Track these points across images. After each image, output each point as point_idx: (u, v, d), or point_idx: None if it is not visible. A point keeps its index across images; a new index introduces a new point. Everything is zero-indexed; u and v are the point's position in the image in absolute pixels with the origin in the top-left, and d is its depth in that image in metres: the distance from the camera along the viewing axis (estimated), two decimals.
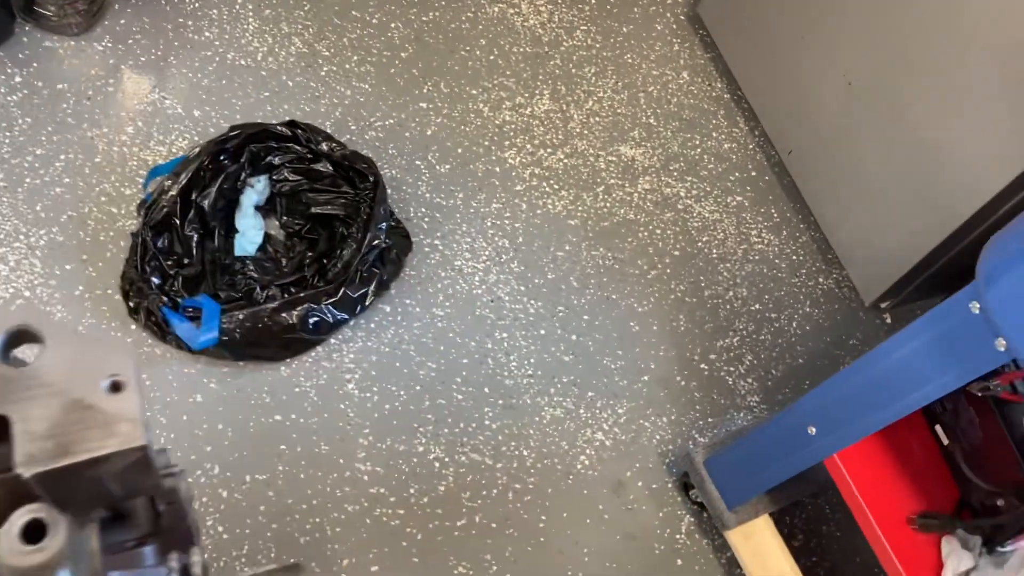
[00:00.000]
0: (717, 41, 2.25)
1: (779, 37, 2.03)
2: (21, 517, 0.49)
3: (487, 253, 1.90)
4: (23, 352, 0.54)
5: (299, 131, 1.79)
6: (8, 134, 1.79)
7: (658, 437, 1.79)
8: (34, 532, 0.49)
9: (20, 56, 1.87)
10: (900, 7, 1.71)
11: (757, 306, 1.98)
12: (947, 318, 1.13)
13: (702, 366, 1.88)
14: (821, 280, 2.05)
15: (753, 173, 2.15)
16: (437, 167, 1.97)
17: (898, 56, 1.74)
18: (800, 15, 1.95)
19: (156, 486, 0.57)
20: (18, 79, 1.85)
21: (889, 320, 2.05)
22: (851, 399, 1.27)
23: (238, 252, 1.76)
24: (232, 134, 1.75)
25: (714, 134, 2.18)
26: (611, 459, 1.74)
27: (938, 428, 1.41)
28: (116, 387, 0.52)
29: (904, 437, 1.43)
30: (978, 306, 1.07)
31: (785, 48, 2.02)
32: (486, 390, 1.75)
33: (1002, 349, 1.06)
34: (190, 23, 2.00)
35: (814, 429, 1.34)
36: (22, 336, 0.52)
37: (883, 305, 1.93)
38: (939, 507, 1.38)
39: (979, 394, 1.29)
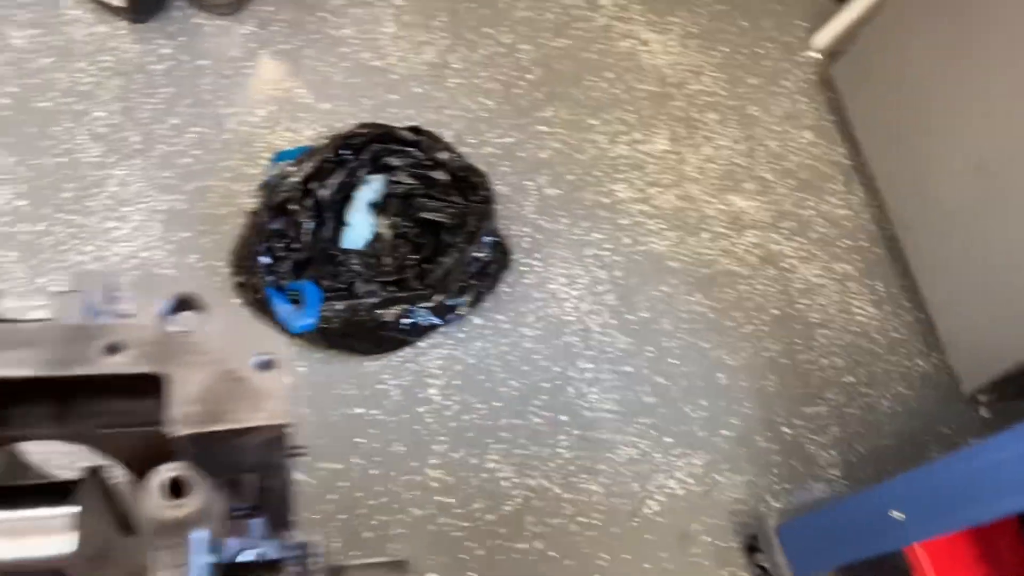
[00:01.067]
0: (846, 105, 2.22)
1: (911, 110, 1.99)
2: (166, 473, 0.51)
3: (583, 281, 1.90)
4: (184, 320, 0.56)
5: (422, 137, 1.83)
6: (150, 100, 1.87)
7: (731, 495, 1.75)
8: (175, 488, 0.51)
9: (170, 29, 1.96)
10: None
11: (850, 378, 1.93)
12: None
13: (785, 430, 1.85)
14: (920, 362, 1.99)
15: (864, 243, 2.11)
16: (546, 190, 1.98)
17: None
18: (937, 92, 1.91)
19: (282, 465, 0.59)
20: (166, 50, 1.94)
21: (986, 415, 1.97)
22: (945, 491, 1.23)
23: (346, 245, 1.80)
24: (359, 131, 1.79)
25: (829, 198, 2.15)
26: (680, 509, 1.72)
27: None
28: (267, 365, 0.54)
29: (993, 536, 1.38)
30: None
31: (915, 122, 1.98)
32: (564, 418, 1.75)
33: None
34: (331, 19, 2.07)
35: (899, 514, 1.29)
36: (187, 304, 0.55)
37: (982, 398, 1.86)
38: None
39: None
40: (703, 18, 2.31)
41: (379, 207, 1.87)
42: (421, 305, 1.69)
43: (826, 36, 2.32)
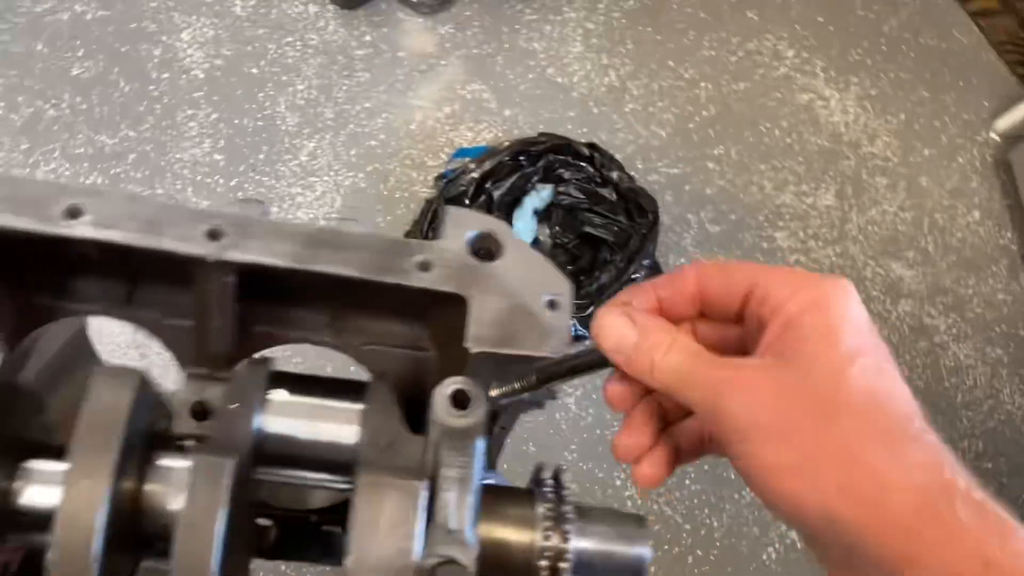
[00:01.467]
0: (1020, 191, 2.16)
1: None
2: (453, 384, 0.56)
3: None
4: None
5: (597, 154, 1.88)
6: (347, 82, 1.98)
7: None
8: (460, 400, 0.55)
9: (375, 19, 2.08)
10: None
11: (989, 465, 1.87)
12: None
13: None
14: None
15: (1022, 332, 2.04)
16: (707, 226, 2.00)
17: None
18: None
19: (537, 403, 0.63)
20: (368, 38, 2.05)
21: None
22: None
23: None
24: (539, 139, 1.86)
25: (991, 280, 2.09)
26: (796, 561, 1.69)
27: None
28: (554, 305, 0.59)
29: None
30: None
31: None
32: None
33: None
34: (523, 31, 2.15)
35: None
36: (487, 239, 0.60)
37: None
38: None
39: None
40: (884, 83, 2.30)
41: (543, 214, 1.92)
42: (573, 315, 1.72)
43: (1009, 120, 2.27)
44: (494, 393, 0.58)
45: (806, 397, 0.43)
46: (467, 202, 1.79)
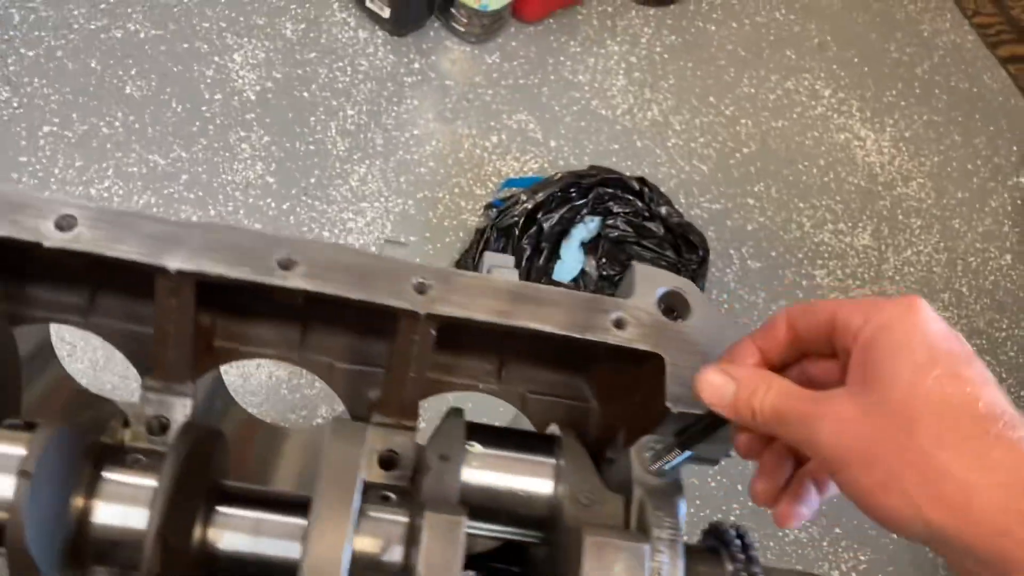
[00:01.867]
0: None
1: None
2: (653, 443, 0.56)
3: None
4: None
5: (646, 189, 1.89)
6: (396, 108, 1.99)
7: None
8: (657, 458, 0.56)
9: (424, 47, 2.09)
10: None
11: None
12: None
13: None
14: None
15: None
16: (748, 262, 2.02)
17: None
18: None
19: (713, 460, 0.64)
20: (416, 65, 2.06)
21: None
22: None
23: (555, 275, 1.86)
24: (590, 172, 1.87)
25: None
26: None
27: None
28: None
29: None
30: None
31: None
32: (739, 487, 1.76)
33: None
34: (568, 63, 2.17)
35: None
36: (676, 297, 0.60)
37: None
38: None
39: None
40: (918, 125, 2.34)
41: (590, 246, 1.93)
42: None
43: None
44: (669, 456, 0.58)
45: (886, 417, 0.45)
46: (517, 232, 1.80)
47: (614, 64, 2.19)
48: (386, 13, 2.03)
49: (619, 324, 0.58)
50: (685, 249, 1.86)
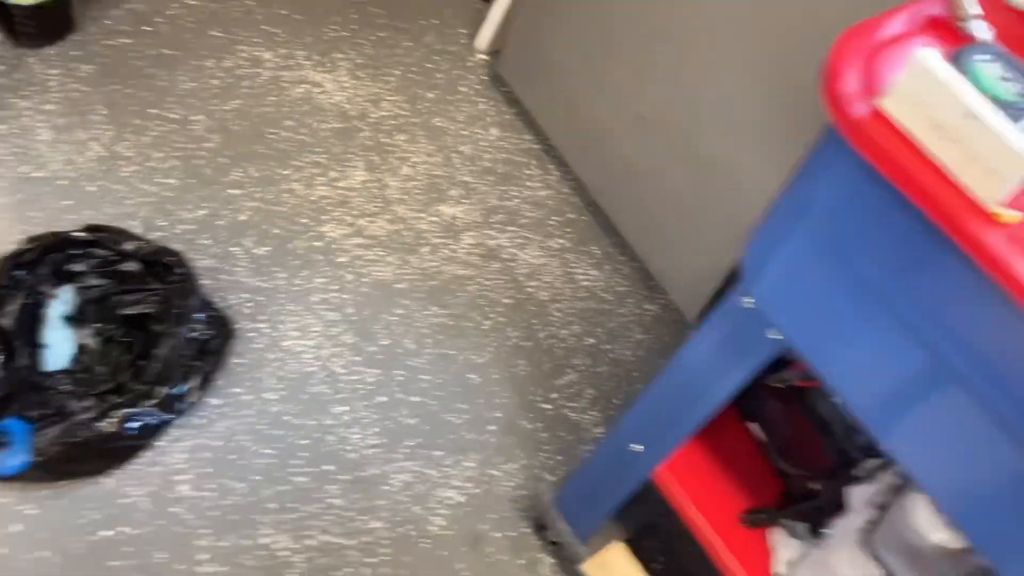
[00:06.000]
0: (520, 96, 2.34)
1: (572, 84, 2.13)
2: None
3: (316, 329, 1.88)
4: None
5: (101, 234, 1.74)
6: None
7: (510, 484, 1.79)
8: None
9: None
10: (667, 40, 1.83)
11: (591, 340, 2.03)
12: (727, 317, 1.19)
13: (545, 406, 1.91)
14: (647, 306, 2.12)
15: (571, 215, 2.23)
16: (255, 250, 1.95)
17: (675, 86, 1.85)
18: (589, 63, 2.05)
19: None
20: None
21: None
22: (661, 409, 1.32)
23: (49, 367, 1.68)
24: (27, 247, 1.69)
25: (529, 183, 2.25)
26: (466, 515, 1.73)
27: (753, 426, 1.46)
28: None
29: (726, 441, 1.48)
30: (749, 301, 1.14)
31: (579, 94, 2.12)
32: (330, 467, 1.72)
33: (775, 338, 1.12)
34: None
35: (637, 446, 1.37)
36: None
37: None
38: (767, 503, 1.43)
39: (779, 386, 1.36)
40: (367, 48, 2.37)
41: (77, 318, 1.76)
42: (145, 404, 1.61)
43: (484, 37, 2.44)
44: None
45: None
46: None
47: (28, 121, 1.99)
48: None
49: None
50: (166, 274, 1.74)
